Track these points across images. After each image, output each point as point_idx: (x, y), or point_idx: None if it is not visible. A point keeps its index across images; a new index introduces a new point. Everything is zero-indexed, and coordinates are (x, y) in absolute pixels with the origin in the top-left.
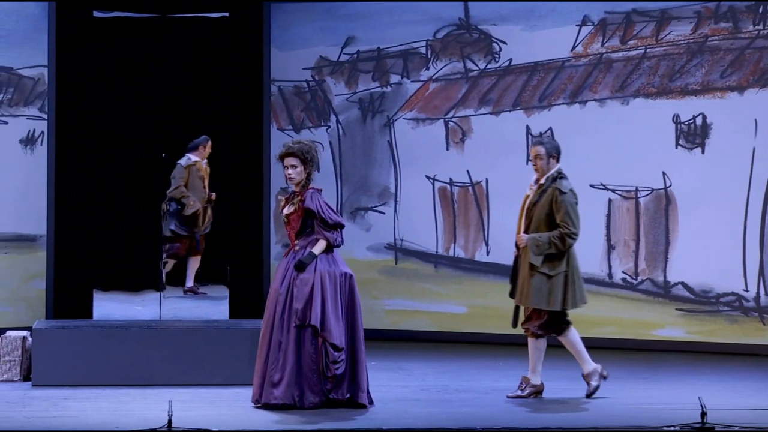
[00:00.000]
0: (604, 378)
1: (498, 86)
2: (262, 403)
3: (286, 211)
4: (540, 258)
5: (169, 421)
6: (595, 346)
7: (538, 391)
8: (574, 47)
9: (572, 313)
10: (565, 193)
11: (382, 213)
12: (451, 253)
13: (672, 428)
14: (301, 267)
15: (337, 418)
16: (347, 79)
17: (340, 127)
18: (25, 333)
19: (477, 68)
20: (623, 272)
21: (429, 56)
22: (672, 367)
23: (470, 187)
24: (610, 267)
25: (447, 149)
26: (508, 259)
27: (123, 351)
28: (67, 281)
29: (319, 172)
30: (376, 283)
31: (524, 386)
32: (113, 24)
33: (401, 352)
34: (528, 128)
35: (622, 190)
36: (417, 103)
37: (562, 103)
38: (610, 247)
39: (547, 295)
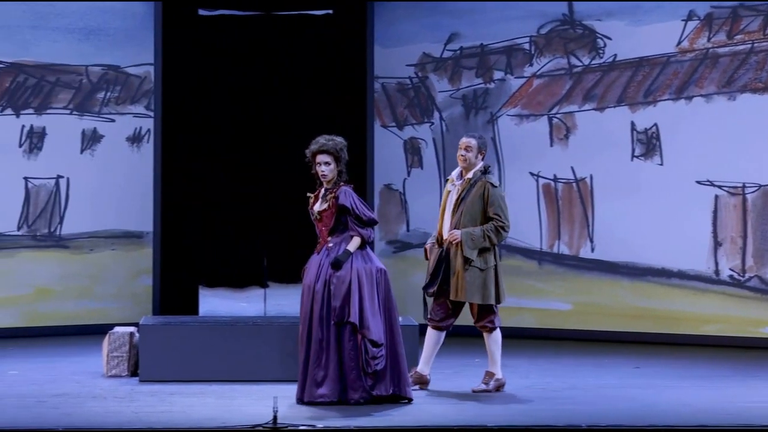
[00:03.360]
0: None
1: (602, 82)
2: (305, 401)
3: (317, 208)
4: (475, 252)
5: (275, 417)
6: (701, 343)
7: (422, 381)
8: (679, 42)
9: (683, 312)
10: (496, 186)
11: None
12: (555, 250)
13: None
14: (338, 265)
15: (439, 414)
16: (450, 75)
17: (443, 123)
18: (132, 329)
19: (581, 64)
20: (730, 269)
21: (533, 52)
22: None
23: (574, 184)
24: (716, 264)
25: (551, 145)
26: (614, 256)
27: (228, 347)
28: (173, 277)
29: (423, 169)
30: None
31: (488, 380)
32: (218, 22)
33: (505, 349)
34: (633, 124)
35: (729, 187)
36: (520, 100)
37: (668, 99)
38: (717, 244)
39: (481, 288)
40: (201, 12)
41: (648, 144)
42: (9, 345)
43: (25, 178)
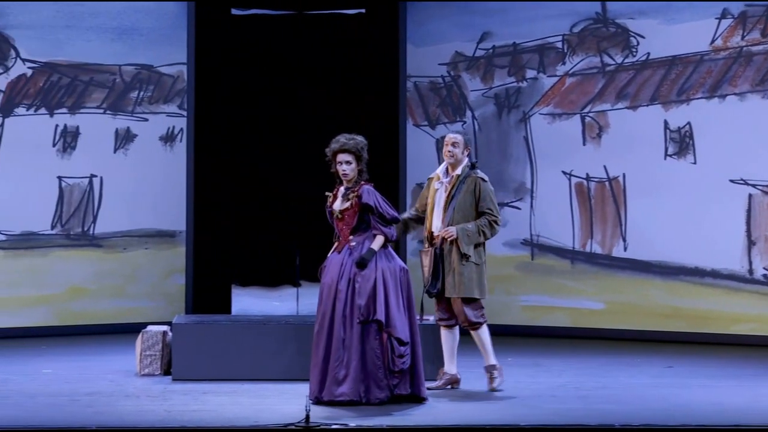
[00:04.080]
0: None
1: (635, 80)
2: (325, 400)
3: (338, 206)
4: (471, 247)
5: (307, 416)
6: (734, 343)
7: (454, 381)
8: (713, 41)
9: (716, 311)
10: (486, 181)
11: (518, 209)
12: (587, 249)
13: None
14: (363, 264)
15: (470, 413)
16: (483, 74)
17: (475, 122)
18: (165, 328)
19: (614, 62)
20: (764, 268)
21: (565, 51)
22: None
23: (607, 183)
24: (750, 263)
25: (583, 144)
26: (647, 255)
27: (261, 346)
28: (206, 276)
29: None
30: (512, 279)
31: (496, 373)
32: (251, 21)
33: (537, 348)
34: (666, 123)
35: (763, 185)
36: (553, 98)
37: (701, 98)
38: (751, 243)
39: (478, 283)
40: (234, 11)
41: (681, 143)
42: (43, 343)
43: (59, 178)
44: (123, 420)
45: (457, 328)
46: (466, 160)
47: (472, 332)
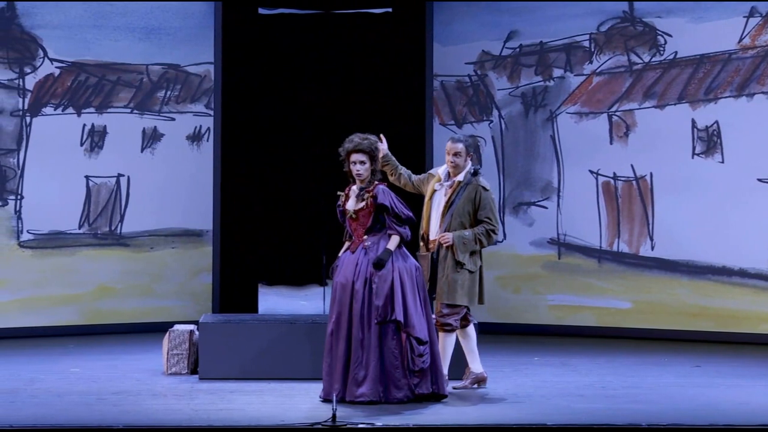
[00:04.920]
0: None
1: (663, 79)
2: (346, 401)
3: (351, 206)
4: (466, 255)
5: (333, 415)
6: (762, 342)
7: (481, 380)
8: (741, 39)
9: (744, 310)
10: (487, 190)
11: (545, 208)
12: (614, 248)
13: None
14: (381, 265)
15: (498, 413)
16: (510, 73)
17: (502, 121)
18: (192, 327)
19: (641, 61)
20: None
21: (592, 50)
22: None
23: (634, 182)
24: None
25: (611, 143)
26: (674, 254)
27: (288, 345)
28: (232, 275)
29: (481, 166)
30: (539, 278)
31: (467, 376)
32: (278, 21)
33: (564, 348)
34: (693, 122)
35: None
36: (580, 97)
37: (729, 96)
38: None
39: (469, 291)
40: (261, 11)
41: (709, 141)
42: (70, 343)
43: (86, 177)
44: (150, 419)
45: (470, 326)
46: (468, 166)
47: (440, 333)
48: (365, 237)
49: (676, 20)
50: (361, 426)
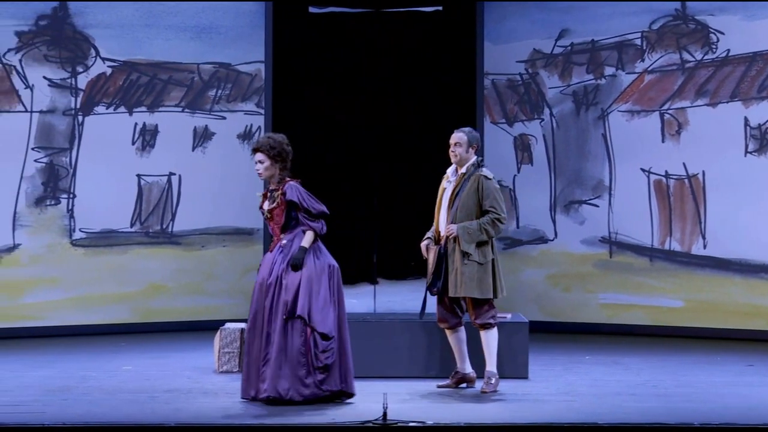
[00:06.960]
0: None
1: (715, 77)
2: (257, 398)
3: (266, 206)
4: (473, 246)
5: (384, 414)
6: None
7: (468, 380)
8: None
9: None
10: (490, 179)
11: (597, 206)
12: (666, 247)
13: None
14: (297, 266)
15: (551, 411)
16: (561, 71)
17: (553, 120)
18: (242, 325)
19: (693, 59)
20: None
21: (644, 48)
22: None
23: (686, 180)
24: None
25: (662, 141)
26: (726, 253)
27: None
28: None
29: (533, 165)
30: (591, 276)
31: (453, 376)
32: (328, 19)
33: (616, 346)
34: (746, 120)
35: None
36: (632, 95)
37: None
38: None
39: (479, 283)
40: (311, 9)
41: (762, 139)
42: (122, 340)
43: (138, 176)
44: (201, 417)
45: (461, 329)
46: (472, 159)
47: (481, 332)
48: (282, 235)
49: (728, 18)
50: (411, 424)
